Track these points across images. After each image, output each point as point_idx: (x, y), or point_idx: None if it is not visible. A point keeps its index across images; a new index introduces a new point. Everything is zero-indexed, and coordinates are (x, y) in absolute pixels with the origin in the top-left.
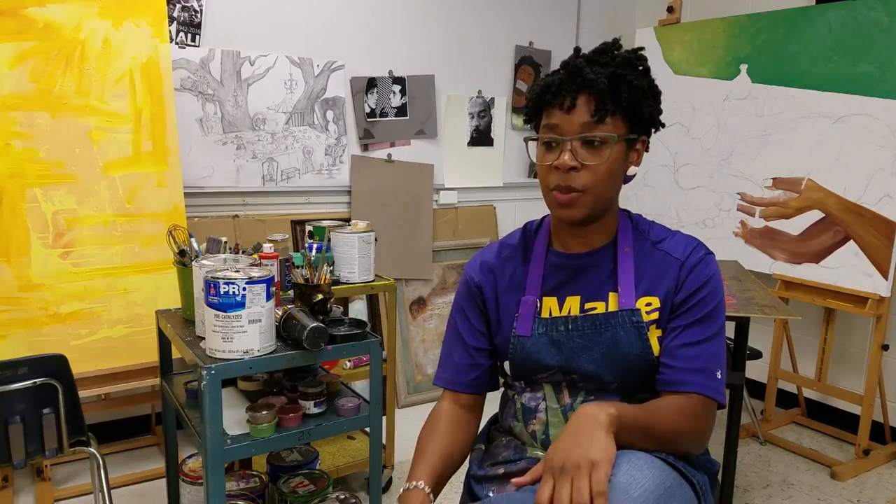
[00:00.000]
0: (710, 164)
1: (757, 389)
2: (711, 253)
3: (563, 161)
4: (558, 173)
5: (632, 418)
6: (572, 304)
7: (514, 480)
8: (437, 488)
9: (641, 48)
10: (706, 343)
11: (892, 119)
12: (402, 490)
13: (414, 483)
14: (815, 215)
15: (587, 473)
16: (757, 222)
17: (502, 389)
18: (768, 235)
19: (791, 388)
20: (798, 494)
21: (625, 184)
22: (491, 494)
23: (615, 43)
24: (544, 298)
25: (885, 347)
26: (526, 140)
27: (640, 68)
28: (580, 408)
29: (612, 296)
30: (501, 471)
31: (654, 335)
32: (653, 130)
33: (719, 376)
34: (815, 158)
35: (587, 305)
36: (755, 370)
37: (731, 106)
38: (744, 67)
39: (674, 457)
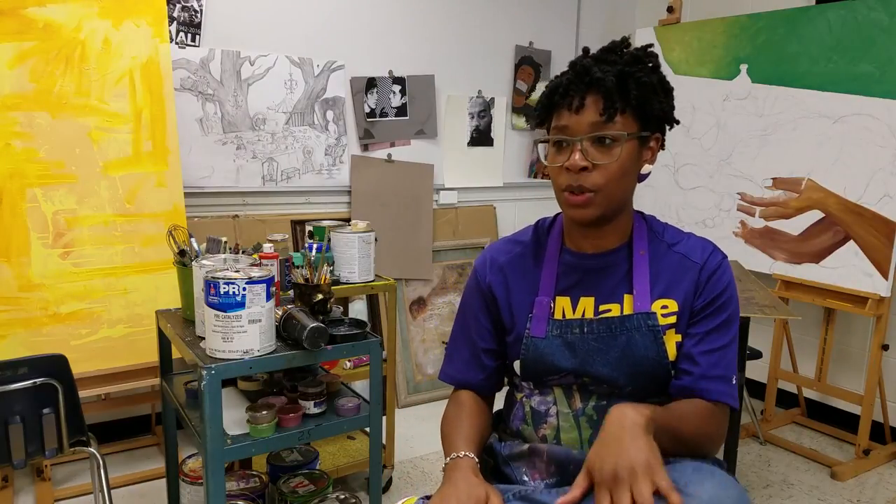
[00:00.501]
0: (710, 164)
1: (757, 389)
2: (726, 256)
3: (574, 162)
4: (570, 174)
5: (662, 421)
6: (586, 306)
7: (560, 501)
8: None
9: (650, 45)
10: (725, 349)
11: (892, 119)
12: (447, 460)
13: (462, 452)
14: (815, 215)
15: (645, 477)
16: (757, 222)
17: (507, 389)
18: (768, 235)
19: (791, 388)
20: (798, 494)
21: (639, 182)
22: (526, 478)
23: (624, 41)
24: (557, 299)
25: (885, 347)
26: (536, 142)
27: (650, 65)
28: (613, 410)
29: (626, 298)
30: (526, 447)
31: (671, 339)
32: (667, 127)
33: (734, 382)
34: (815, 158)
35: (601, 307)
36: (755, 370)
37: (731, 106)
38: (744, 67)
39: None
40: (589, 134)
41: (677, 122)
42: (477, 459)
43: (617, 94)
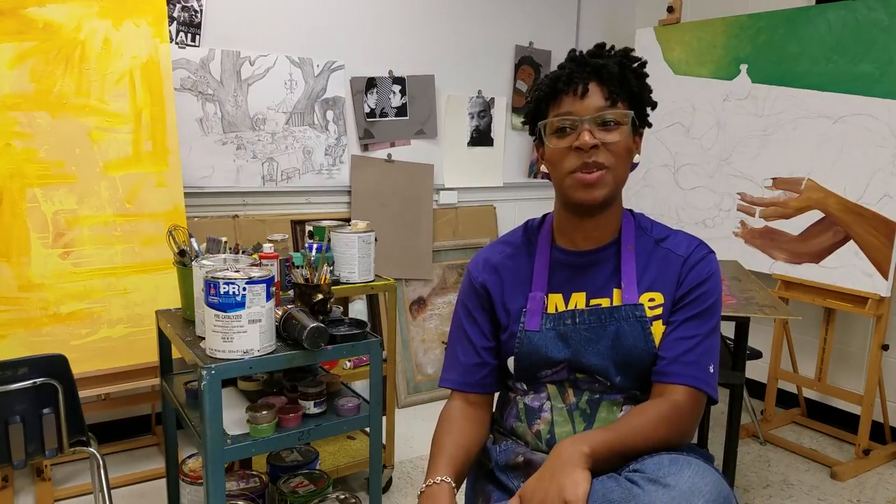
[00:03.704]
0: (710, 164)
1: (757, 389)
2: (713, 252)
3: (584, 140)
4: (580, 154)
5: (608, 447)
6: (578, 300)
7: None
8: (458, 482)
9: (631, 49)
10: (701, 337)
11: (892, 119)
12: (424, 486)
13: (439, 477)
14: (815, 215)
15: None
16: (757, 222)
17: (500, 392)
18: (768, 235)
19: (791, 388)
20: (798, 494)
21: (630, 171)
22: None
23: (604, 45)
24: (550, 295)
25: (885, 347)
26: (542, 125)
27: (640, 62)
28: (557, 445)
29: (616, 292)
30: (521, 458)
31: (657, 330)
32: (646, 127)
33: (711, 370)
34: (815, 158)
35: (592, 302)
36: (755, 370)
37: (731, 106)
38: (744, 67)
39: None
40: (595, 115)
41: (650, 125)
42: (454, 483)
43: (618, 82)
